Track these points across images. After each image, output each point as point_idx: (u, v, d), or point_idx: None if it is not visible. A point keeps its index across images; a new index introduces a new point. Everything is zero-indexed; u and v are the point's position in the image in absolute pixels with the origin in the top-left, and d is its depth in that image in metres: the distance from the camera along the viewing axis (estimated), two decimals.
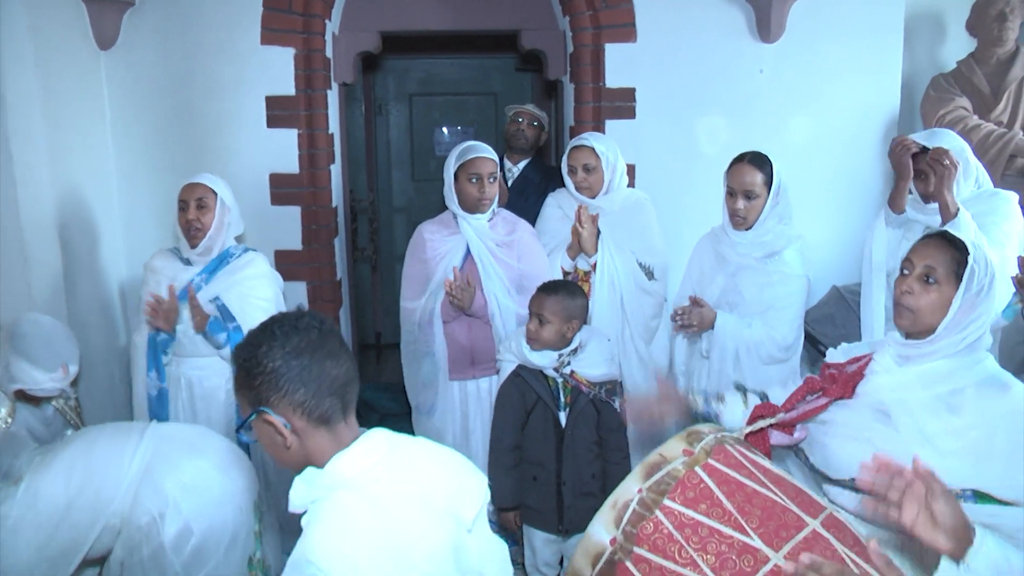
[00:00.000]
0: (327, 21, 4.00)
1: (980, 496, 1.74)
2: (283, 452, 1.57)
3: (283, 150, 3.95)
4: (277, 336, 1.56)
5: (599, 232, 3.39)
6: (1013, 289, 2.63)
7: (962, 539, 1.44)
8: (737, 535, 1.60)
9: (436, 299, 3.32)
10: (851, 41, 4.07)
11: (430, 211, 3.95)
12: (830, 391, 2.05)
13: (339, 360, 1.59)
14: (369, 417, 4.48)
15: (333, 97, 4.19)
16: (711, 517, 1.63)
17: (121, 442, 2.31)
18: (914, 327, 1.94)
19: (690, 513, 1.65)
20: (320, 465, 1.55)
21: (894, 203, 3.09)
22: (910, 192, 3.08)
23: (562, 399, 2.92)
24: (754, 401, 2.31)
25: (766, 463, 1.83)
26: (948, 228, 2.56)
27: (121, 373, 3.75)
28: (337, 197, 4.23)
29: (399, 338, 3.55)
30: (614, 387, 2.97)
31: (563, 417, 2.92)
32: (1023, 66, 4.07)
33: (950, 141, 2.96)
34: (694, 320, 3.02)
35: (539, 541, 3.06)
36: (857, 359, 2.12)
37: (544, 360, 2.89)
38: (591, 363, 2.93)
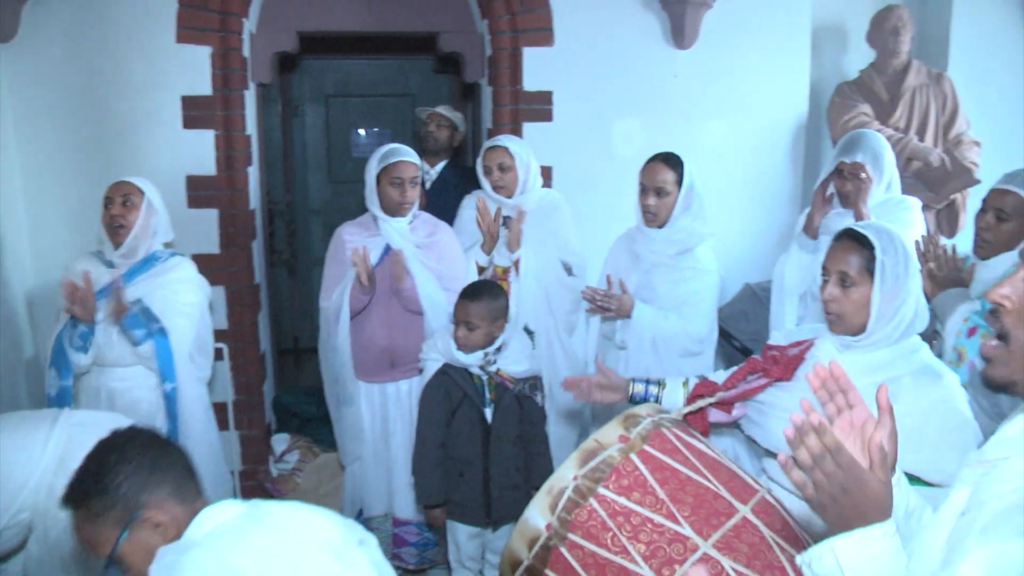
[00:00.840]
0: (244, 20, 3.98)
1: (911, 479, 1.87)
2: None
3: (200, 152, 3.90)
4: (115, 449, 1.62)
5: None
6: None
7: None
8: (668, 523, 1.68)
9: (343, 295, 3.35)
10: (761, 49, 4.29)
11: (347, 213, 3.97)
12: (771, 372, 2.16)
13: (172, 452, 1.69)
14: (290, 421, 4.49)
15: (250, 97, 4.17)
16: (644, 506, 1.70)
17: (29, 431, 2.26)
18: (847, 330, 2.06)
19: (623, 501, 1.72)
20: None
21: (809, 229, 3.29)
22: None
23: (488, 396, 3.02)
24: (693, 382, 2.41)
25: (702, 446, 1.90)
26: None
27: (29, 386, 3.64)
28: (255, 199, 4.21)
29: (316, 343, 3.58)
30: (536, 382, 3.10)
31: (489, 413, 3.02)
32: (916, 76, 4.35)
33: (876, 142, 3.22)
34: (613, 305, 3.14)
35: (463, 536, 3.16)
36: (799, 343, 2.22)
37: (471, 359, 2.98)
38: (514, 360, 3.05)
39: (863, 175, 3.08)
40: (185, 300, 3.11)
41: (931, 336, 2.80)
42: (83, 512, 1.59)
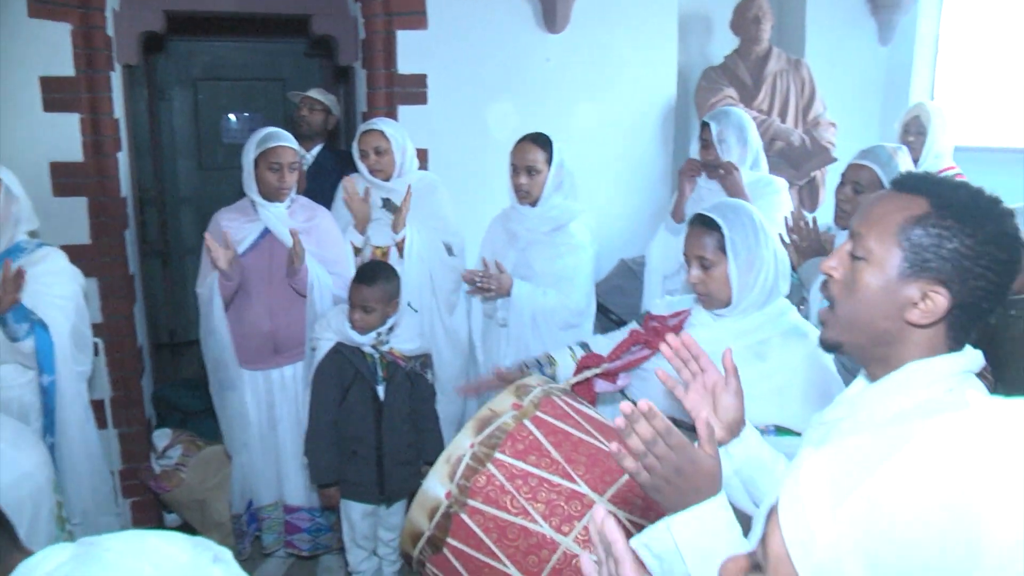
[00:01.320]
0: None
1: (781, 430, 2.04)
2: None
3: (64, 137, 3.72)
4: None
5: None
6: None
7: (734, 433, 1.62)
8: (565, 483, 1.78)
9: (214, 282, 3.32)
10: (631, 34, 4.46)
11: (219, 201, 3.88)
12: (653, 343, 2.29)
13: None
14: (171, 416, 4.42)
15: (117, 80, 4.03)
16: (540, 467, 1.79)
17: None
18: (717, 305, 2.23)
19: (520, 464, 1.80)
20: None
21: (675, 214, 3.46)
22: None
23: (380, 374, 3.09)
24: (579, 352, 2.55)
25: (591, 411, 2.03)
26: None
27: None
28: (126, 187, 4.07)
29: (193, 335, 3.54)
30: (426, 360, 3.21)
31: (381, 391, 3.09)
32: (776, 62, 4.61)
33: (738, 117, 3.47)
34: (492, 285, 3.23)
35: (357, 515, 3.23)
36: (678, 313, 2.37)
37: (364, 338, 3.04)
38: (406, 338, 3.15)
39: (734, 171, 3.28)
40: (58, 292, 2.97)
41: (799, 302, 3.02)
42: None
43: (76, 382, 3.08)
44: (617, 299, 4.17)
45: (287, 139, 3.34)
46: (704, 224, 2.21)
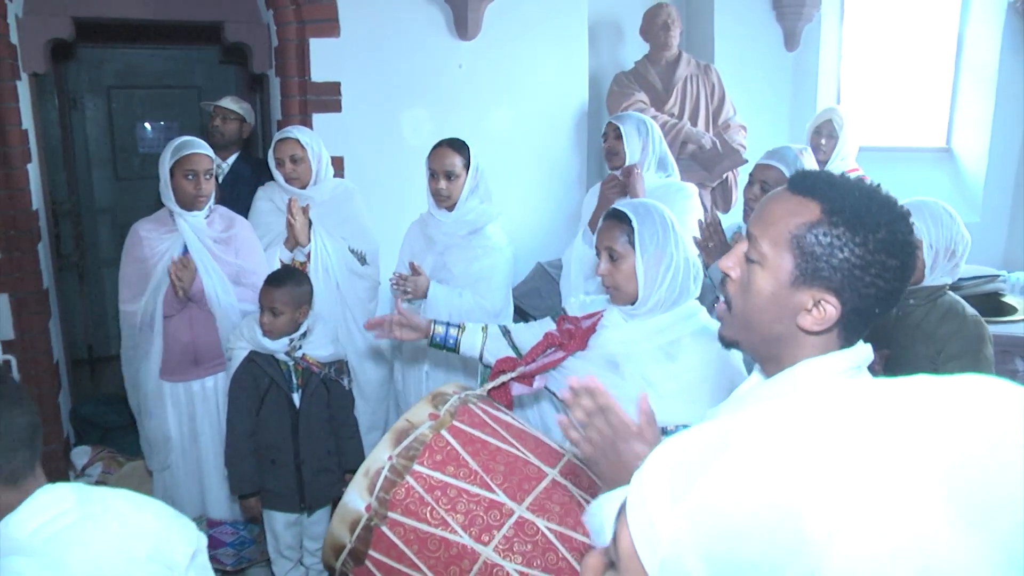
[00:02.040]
0: (8, 1, 3.74)
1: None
2: None
3: None
4: None
5: (310, 222, 3.57)
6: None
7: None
8: (483, 492, 1.80)
9: (157, 299, 3.32)
10: (542, 41, 4.57)
11: (137, 211, 3.85)
12: (568, 346, 2.35)
13: (24, 405, 1.41)
14: (91, 433, 4.36)
15: (24, 89, 3.97)
16: (458, 478, 1.81)
17: None
18: (625, 299, 2.29)
19: (438, 476, 1.82)
20: None
21: (593, 224, 3.56)
22: None
23: (295, 381, 3.11)
24: (495, 333, 2.62)
25: (508, 418, 2.06)
26: None
27: None
28: (37, 199, 4.02)
29: (113, 350, 3.50)
30: (342, 366, 3.21)
31: (297, 398, 3.11)
32: (686, 67, 4.76)
33: (636, 120, 3.54)
34: (409, 287, 3.28)
35: (280, 525, 3.23)
36: (592, 315, 2.43)
37: (277, 345, 3.05)
38: (319, 345, 3.16)
39: (636, 171, 3.39)
40: None
41: (714, 301, 3.12)
42: None
43: None
44: (534, 301, 4.26)
45: (202, 147, 3.33)
46: (616, 218, 2.29)
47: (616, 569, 0.68)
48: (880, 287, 1.24)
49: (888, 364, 2.48)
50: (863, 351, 1.33)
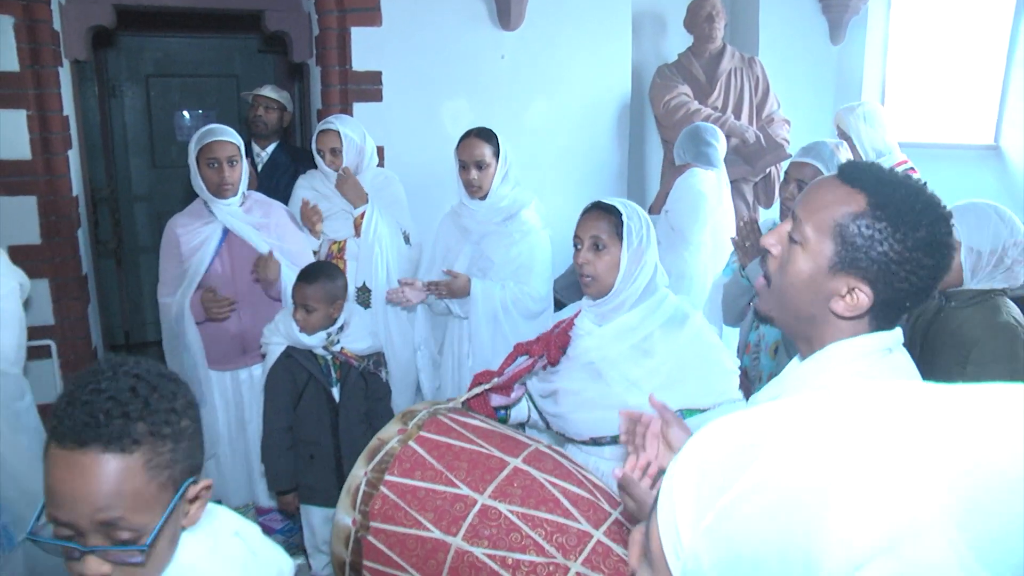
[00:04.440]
0: None
1: (686, 412, 2.15)
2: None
3: (11, 134, 3.68)
4: (171, 378, 1.18)
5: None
6: (732, 249, 3.11)
7: None
8: (448, 489, 1.91)
9: (186, 296, 3.30)
10: (585, 32, 4.52)
11: (173, 200, 3.87)
12: (533, 351, 2.39)
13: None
14: None
15: (65, 75, 3.99)
16: (425, 480, 1.94)
17: None
18: (599, 291, 2.32)
19: (408, 482, 1.94)
20: None
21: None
22: None
23: (333, 375, 3.08)
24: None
25: (478, 422, 2.14)
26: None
27: None
28: (77, 185, 4.03)
29: (149, 336, 3.50)
30: (380, 358, 3.18)
31: (336, 393, 3.08)
32: (730, 60, 4.68)
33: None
34: (443, 291, 3.28)
35: (318, 519, 3.20)
36: (560, 323, 2.46)
37: (314, 340, 3.01)
38: (357, 337, 3.12)
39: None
40: None
41: (749, 301, 3.07)
42: (129, 457, 1.09)
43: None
44: (575, 296, 4.20)
45: (226, 133, 3.29)
46: (601, 209, 2.32)
47: (648, 559, 0.69)
48: (913, 283, 1.29)
49: (921, 365, 2.42)
50: (894, 333, 1.38)
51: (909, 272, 1.27)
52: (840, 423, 0.61)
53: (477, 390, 2.35)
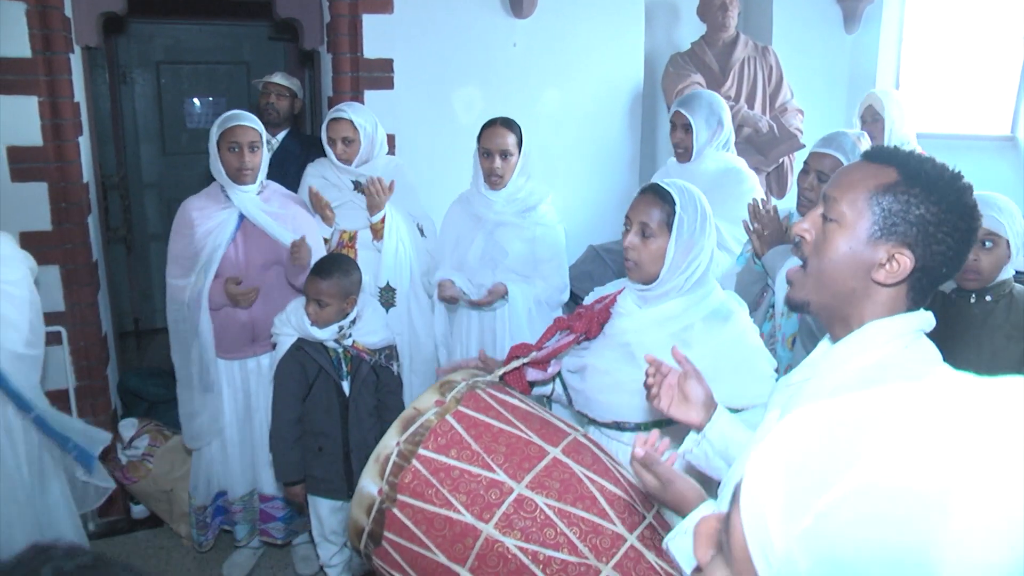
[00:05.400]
0: None
1: None
2: None
3: (22, 120, 3.64)
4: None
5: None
6: (746, 238, 3.08)
7: (711, 411, 1.75)
8: (484, 472, 1.87)
9: (206, 278, 3.30)
10: (598, 20, 4.48)
11: (183, 187, 3.86)
12: (575, 327, 2.32)
13: None
14: (137, 405, 4.39)
15: (76, 61, 3.96)
16: (461, 460, 1.89)
17: None
18: (642, 278, 2.24)
19: (442, 459, 1.90)
20: None
21: None
22: None
23: (344, 368, 3.07)
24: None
25: (516, 401, 2.08)
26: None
27: None
28: (88, 172, 4.01)
29: (158, 323, 3.50)
30: (391, 352, 3.17)
31: (346, 386, 3.07)
32: (743, 49, 4.65)
33: (708, 98, 3.58)
34: (485, 299, 3.36)
35: (325, 511, 3.21)
36: (602, 298, 2.40)
37: (325, 333, 3.01)
38: (369, 331, 3.11)
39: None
40: (4, 278, 2.85)
41: (762, 290, 3.05)
42: None
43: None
44: (587, 285, 4.17)
45: (248, 119, 3.29)
46: (656, 194, 2.21)
47: (725, 555, 0.66)
48: (949, 245, 1.34)
49: (984, 369, 2.42)
50: (926, 316, 1.42)
51: (946, 234, 1.32)
52: (954, 419, 0.58)
53: (516, 363, 2.30)
